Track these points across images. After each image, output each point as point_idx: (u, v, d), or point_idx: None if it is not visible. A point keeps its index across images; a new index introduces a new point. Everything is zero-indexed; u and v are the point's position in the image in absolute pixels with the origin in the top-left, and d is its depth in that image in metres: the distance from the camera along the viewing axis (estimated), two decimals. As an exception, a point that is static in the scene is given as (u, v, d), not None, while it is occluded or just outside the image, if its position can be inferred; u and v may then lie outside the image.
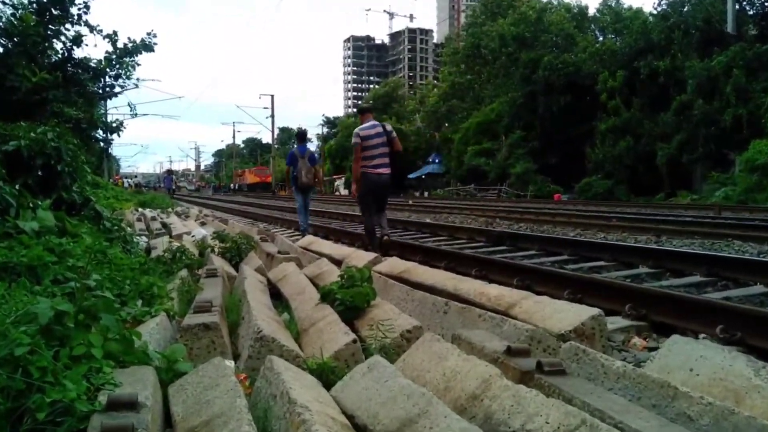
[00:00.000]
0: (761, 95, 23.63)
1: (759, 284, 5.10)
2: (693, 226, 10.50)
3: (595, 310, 3.20)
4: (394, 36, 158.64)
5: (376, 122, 7.61)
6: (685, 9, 29.57)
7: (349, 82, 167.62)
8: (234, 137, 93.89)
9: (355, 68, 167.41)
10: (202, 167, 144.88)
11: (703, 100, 25.36)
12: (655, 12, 32.51)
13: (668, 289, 4.64)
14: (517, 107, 38.30)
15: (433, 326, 3.53)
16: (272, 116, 59.51)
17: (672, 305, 3.93)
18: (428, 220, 13.73)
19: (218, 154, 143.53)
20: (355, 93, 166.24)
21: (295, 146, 10.81)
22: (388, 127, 7.59)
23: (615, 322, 3.90)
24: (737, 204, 19.26)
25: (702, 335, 3.59)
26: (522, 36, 40.80)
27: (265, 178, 70.49)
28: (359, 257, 5.89)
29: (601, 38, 42.59)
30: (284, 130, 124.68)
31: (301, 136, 11.32)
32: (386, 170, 7.48)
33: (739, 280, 5.34)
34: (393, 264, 5.46)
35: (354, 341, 2.86)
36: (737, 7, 26.49)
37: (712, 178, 24.17)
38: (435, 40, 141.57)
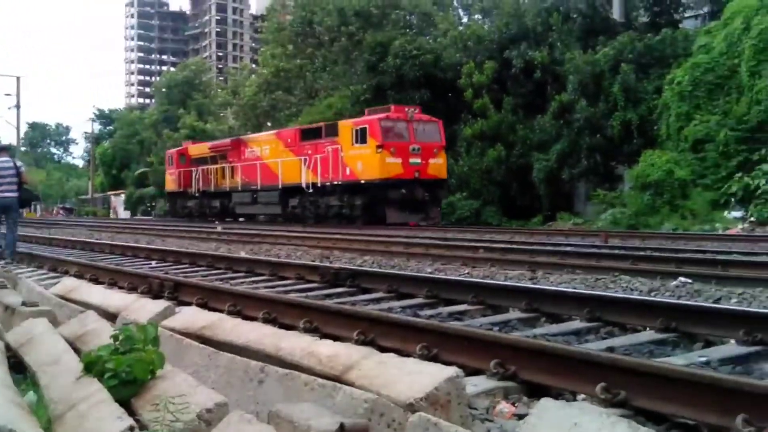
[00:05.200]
0: (653, 97, 26.11)
1: (648, 329, 5.64)
2: (574, 258, 11.37)
3: (452, 370, 3.35)
4: (198, 2, 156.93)
5: (9, 159, 13.30)
6: (565, -13, 32.13)
7: (132, 62, 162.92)
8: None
9: (141, 43, 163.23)
10: None
11: (586, 101, 27.61)
12: (529, -11, 35.03)
13: (542, 338, 4.98)
14: (362, 104, 39.26)
15: (244, 401, 3.52)
16: (18, 107, 56.16)
17: (545, 360, 4.21)
18: (243, 254, 13.63)
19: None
20: (141, 77, 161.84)
21: None
22: (18, 163, 13.53)
23: (478, 384, 4.10)
24: (627, 229, 21.13)
25: (581, 396, 3.91)
26: (367, 11, 42.13)
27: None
28: (142, 309, 5.74)
29: (465, 19, 45.02)
30: (36, 127, 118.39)
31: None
32: (11, 194, 12.96)
33: (625, 326, 5.87)
34: (191, 317, 5.38)
35: (131, 428, 2.80)
36: (625, -12, 29.19)
37: (597, 197, 26.26)
38: (253, 11, 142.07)
